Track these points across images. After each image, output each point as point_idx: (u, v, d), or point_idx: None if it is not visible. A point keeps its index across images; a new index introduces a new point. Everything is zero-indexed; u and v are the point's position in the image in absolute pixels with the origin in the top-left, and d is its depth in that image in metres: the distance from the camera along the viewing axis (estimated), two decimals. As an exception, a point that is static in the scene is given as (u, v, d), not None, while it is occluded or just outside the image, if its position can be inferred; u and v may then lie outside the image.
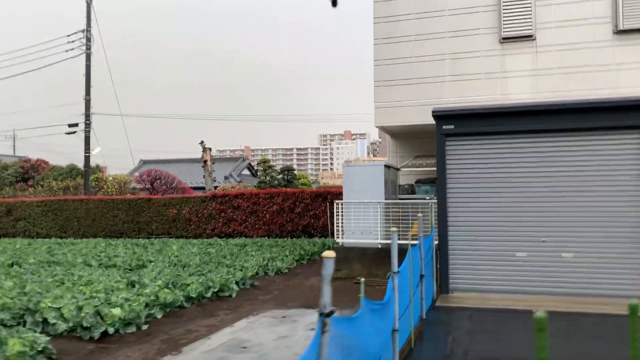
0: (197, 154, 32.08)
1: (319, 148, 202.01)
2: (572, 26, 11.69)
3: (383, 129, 14.06)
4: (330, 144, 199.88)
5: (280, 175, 48.63)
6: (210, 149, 32.32)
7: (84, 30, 26.41)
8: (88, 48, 26.48)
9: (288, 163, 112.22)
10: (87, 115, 26.33)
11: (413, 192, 13.45)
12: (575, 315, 7.38)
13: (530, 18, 11.89)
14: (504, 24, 12.03)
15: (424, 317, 7.26)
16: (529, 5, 11.90)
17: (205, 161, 31.17)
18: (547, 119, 8.49)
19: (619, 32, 11.40)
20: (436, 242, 8.89)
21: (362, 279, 4.20)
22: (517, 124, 8.56)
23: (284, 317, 7.92)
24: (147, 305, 7.84)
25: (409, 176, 14.19)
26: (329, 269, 2.74)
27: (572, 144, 8.49)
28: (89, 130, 26.40)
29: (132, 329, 7.11)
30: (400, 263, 5.56)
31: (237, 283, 10.11)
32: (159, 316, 7.88)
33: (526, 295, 8.40)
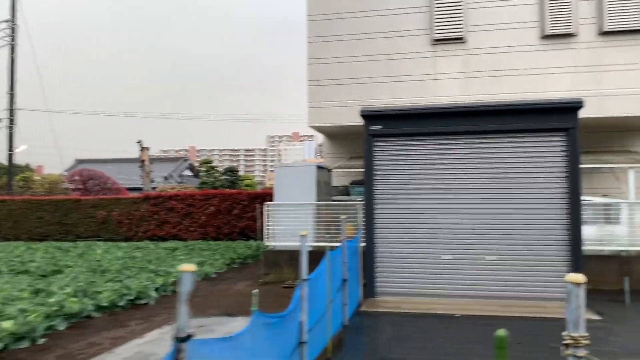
0: (138, 153, 30.77)
1: (266, 149, 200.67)
2: (501, 30, 11.81)
3: (317, 130, 13.78)
4: (279, 145, 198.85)
5: (224, 176, 47.69)
6: (148, 149, 31.08)
7: (7, 20, 24.75)
8: (12, 39, 24.83)
9: (235, 164, 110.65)
10: (11, 111, 24.67)
11: (348, 194, 13.24)
12: (499, 319, 7.30)
13: (462, 20, 11.92)
14: (435, 26, 12.01)
15: (346, 323, 6.98)
16: (460, 7, 11.93)
17: (142, 161, 29.95)
18: (473, 121, 8.41)
19: (545, 37, 11.62)
20: (363, 245, 8.65)
21: (256, 290, 3.84)
22: (444, 125, 8.44)
23: (200, 326, 7.43)
24: (48, 316, 7.17)
25: (345, 177, 13.97)
26: (186, 285, 2.35)
27: (498, 145, 8.45)
28: (12, 127, 24.75)
29: (26, 343, 6.44)
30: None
31: (157, 290, 9.53)
32: (62, 328, 7.23)
33: (452, 299, 8.29)
